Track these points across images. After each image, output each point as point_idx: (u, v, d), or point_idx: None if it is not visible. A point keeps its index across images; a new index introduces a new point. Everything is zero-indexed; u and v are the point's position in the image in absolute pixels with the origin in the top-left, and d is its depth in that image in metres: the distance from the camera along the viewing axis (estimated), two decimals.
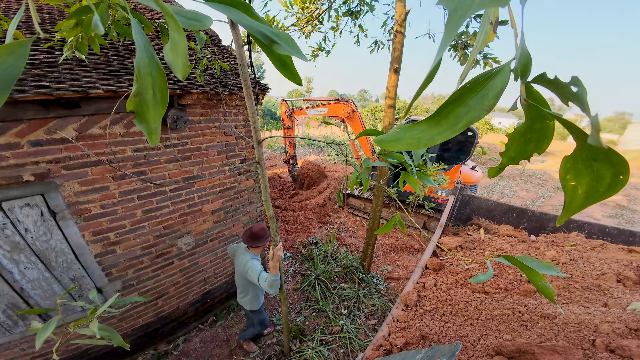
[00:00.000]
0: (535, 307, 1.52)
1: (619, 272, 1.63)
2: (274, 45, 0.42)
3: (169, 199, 2.69)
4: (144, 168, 2.43)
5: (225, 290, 3.87)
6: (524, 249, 2.19)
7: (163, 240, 2.84)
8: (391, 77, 4.02)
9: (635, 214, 8.51)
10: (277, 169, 11.54)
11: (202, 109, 2.58)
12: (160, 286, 3.00)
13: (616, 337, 1.29)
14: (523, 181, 11.50)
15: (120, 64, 2.29)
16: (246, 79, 1.42)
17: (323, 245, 5.38)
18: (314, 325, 3.71)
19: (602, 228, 3.14)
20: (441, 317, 1.81)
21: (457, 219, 4.28)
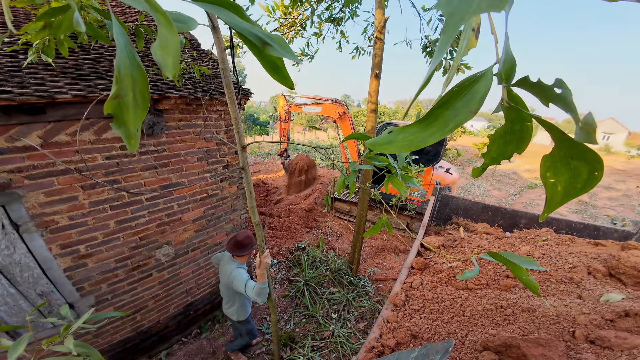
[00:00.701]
0: (516, 301, 1.60)
1: (588, 264, 1.75)
2: (266, 47, 0.41)
3: (145, 209, 2.56)
4: (116, 176, 2.29)
5: (209, 301, 3.73)
6: (501, 245, 2.30)
7: (139, 251, 2.69)
8: (372, 82, 4.12)
9: (596, 209, 9.26)
10: (261, 174, 11.39)
11: (181, 114, 2.49)
12: (137, 300, 2.84)
13: (594, 328, 1.37)
14: (495, 181, 12.17)
15: (91, 67, 2.17)
16: (229, 84, 1.39)
17: (311, 250, 5.35)
18: (304, 331, 3.67)
19: (569, 223, 3.37)
20: (429, 315, 1.85)
21: (438, 219, 4.43)
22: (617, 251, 1.87)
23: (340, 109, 6.85)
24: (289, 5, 4.05)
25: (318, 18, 4.45)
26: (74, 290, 2.34)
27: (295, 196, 8.58)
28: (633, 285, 1.58)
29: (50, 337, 1.13)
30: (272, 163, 13.31)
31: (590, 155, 0.33)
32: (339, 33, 5.02)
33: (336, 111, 6.92)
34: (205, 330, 3.63)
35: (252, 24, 0.42)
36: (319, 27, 4.87)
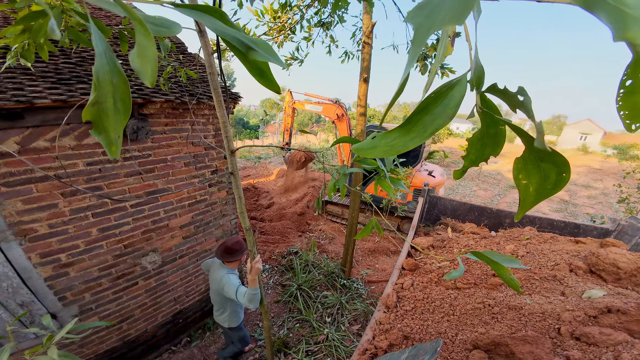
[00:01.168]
0: (503, 300, 1.63)
1: (570, 262, 1.82)
2: (250, 51, 0.42)
3: (129, 216, 2.49)
4: (99, 183, 2.23)
5: (199, 308, 3.66)
6: (487, 245, 2.36)
7: (124, 259, 2.61)
8: (361, 86, 4.19)
9: (576, 207, 9.65)
10: (251, 179, 11.28)
11: (167, 119, 2.44)
12: (123, 309, 2.76)
13: (578, 325, 1.42)
14: (480, 181, 12.53)
15: (72, 71, 2.10)
16: (216, 88, 1.38)
17: (304, 254, 5.32)
18: (298, 336, 3.64)
19: (551, 222, 3.50)
20: (420, 315, 1.87)
21: (427, 220, 4.50)
22: (597, 248, 1.96)
23: (339, 110, 7.04)
24: (278, 9, 4.08)
25: (307, 22, 4.49)
26: (55, 300, 2.26)
27: (287, 200, 8.54)
28: (613, 282, 1.66)
29: (32, 348, 1.11)
30: (263, 167, 13.22)
31: (557, 158, 0.35)
32: (328, 37, 5.08)
33: (335, 112, 7.15)
34: (196, 338, 3.55)
35: (235, 29, 0.42)
36: (308, 32, 4.91)
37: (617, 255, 1.64)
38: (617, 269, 1.62)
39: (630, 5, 0.20)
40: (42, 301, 2.19)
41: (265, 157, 14.36)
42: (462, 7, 0.24)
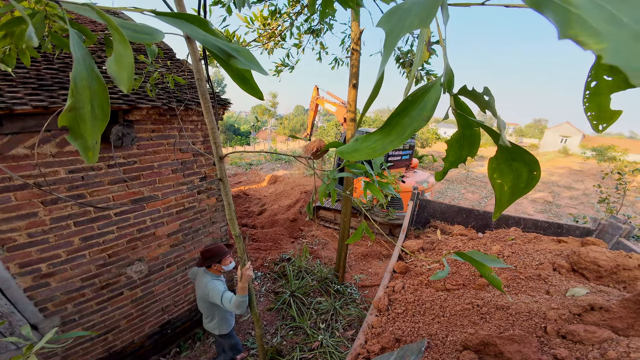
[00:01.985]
0: (491, 300, 1.66)
1: (553, 261, 1.87)
2: (231, 59, 0.42)
3: (113, 224, 2.42)
4: (81, 191, 2.16)
5: (188, 318, 3.56)
6: (474, 246, 2.40)
7: (108, 269, 2.54)
8: (351, 92, 4.26)
9: (560, 208, 9.99)
10: (242, 185, 11.17)
11: (153, 125, 2.40)
12: (108, 320, 2.68)
13: (564, 323, 1.44)
14: (468, 184, 12.82)
15: (54, 77, 2.05)
16: (204, 94, 1.37)
17: (296, 260, 5.28)
18: (291, 344, 3.59)
19: (535, 222, 3.60)
20: (411, 318, 1.87)
21: (418, 223, 4.55)
22: (578, 247, 2.03)
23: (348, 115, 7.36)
24: (268, 16, 4.12)
25: (297, 29, 4.55)
26: (36, 310, 2.18)
27: (279, 206, 8.49)
28: (595, 280, 1.71)
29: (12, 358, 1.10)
30: (254, 174, 13.11)
31: (527, 157, 0.37)
32: (318, 44, 5.15)
33: (343, 115, 7.55)
34: (186, 349, 3.46)
35: (217, 37, 0.43)
36: (298, 38, 4.98)
37: (597, 254, 1.70)
38: (597, 267, 1.68)
39: (575, 4, 0.22)
40: (22, 312, 2.12)
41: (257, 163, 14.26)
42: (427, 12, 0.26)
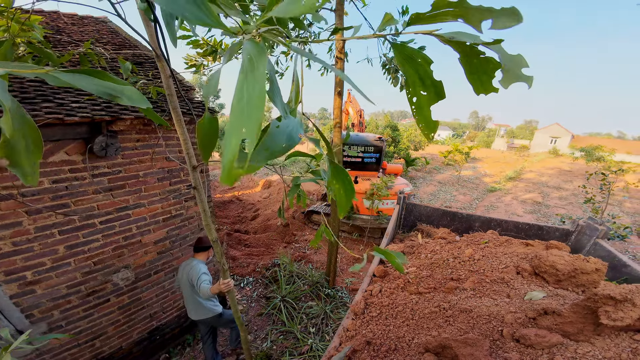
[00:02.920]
0: (456, 303, 1.73)
1: (518, 264, 1.94)
2: (116, 99, 0.51)
3: (98, 232, 2.47)
4: (65, 200, 2.21)
5: (177, 324, 3.59)
6: (450, 249, 2.48)
7: (94, 276, 2.58)
8: (336, 99, 4.35)
9: (549, 208, 10.15)
10: (236, 191, 11.19)
11: (138, 135, 2.47)
12: (95, 326, 2.71)
13: (519, 327, 1.49)
14: (460, 186, 12.97)
15: (37, 90, 2.11)
16: (175, 108, 1.46)
17: (288, 265, 5.32)
18: (281, 348, 3.63)
19: (517, 224, 3.69)
20: (384, 321, 1.93)
21: (405, 227, 4.62)
22: (542, 250, 2.11)
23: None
24: None
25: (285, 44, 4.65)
26: (22, 317, 2.23)
27: (272, 211, 8.54)
28: (554, 283, 1.78)
29: None
30: (248, 179, 13.13)
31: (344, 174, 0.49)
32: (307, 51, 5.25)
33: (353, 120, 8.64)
34: (175, 354, 3.48)
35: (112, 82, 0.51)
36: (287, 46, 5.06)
37: (556, 257, 1.78)
38: (556, 270, 1.75)
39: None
40: (9, 319, 2.16)
41: None
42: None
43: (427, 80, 0.54)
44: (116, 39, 3.45)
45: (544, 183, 14.22)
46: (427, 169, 17.15)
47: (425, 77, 0.54)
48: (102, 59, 1.98)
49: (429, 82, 0.54)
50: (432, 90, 0.54)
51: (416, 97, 0.56)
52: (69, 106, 2.03)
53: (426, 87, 0.54)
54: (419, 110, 0.57)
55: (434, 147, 29.76)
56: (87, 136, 2.16)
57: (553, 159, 25.39)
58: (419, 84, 0.54)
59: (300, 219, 8.14)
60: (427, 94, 0.54)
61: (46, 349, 2.38)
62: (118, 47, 3.23)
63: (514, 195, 11.63)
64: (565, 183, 14.43)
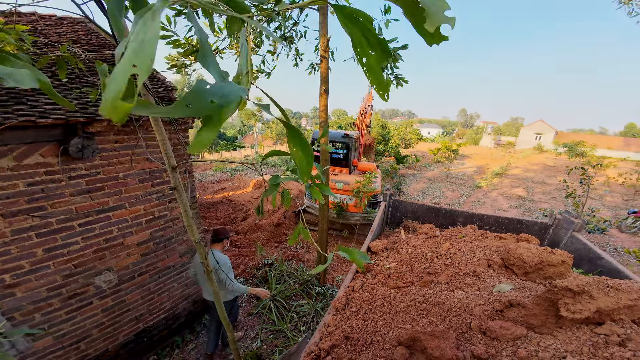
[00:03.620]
0: (431, 296, 1.79)
1: (489, 257, 2.01)
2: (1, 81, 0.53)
3: (78, 235, 2.44)
4: (42, 203, 2.18)
5: (165, 326, 3.57)
6: (430, 244, 2.55)
7: (75, 279, 2.56)
8: (322, 97, 4.37)
9: (533, 203, 10.46)
10: (227, 191, 11.09)
11: (117, 136, 2.44)
12: (79, 329, 2.69)
13: (486, 319, 1.53)
14: (449, 183, 13.22)
15: (10, 92, 2.06)
16: None
17: (279, 264, 5.34)
18: (272, 347, 3.65)
19: (497, 219, 3.81)
20: (363, 316, 1.98)
21: (392, 223, 4.70)
22: (512, 243, 2.20)
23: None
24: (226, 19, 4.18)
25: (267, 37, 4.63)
26: (3, 319, 2.20)
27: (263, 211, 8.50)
28: (522, 276, 1.86)
29: None
30: (239, 179, 13.03)
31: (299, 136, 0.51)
32: (292, 51, 5.26)
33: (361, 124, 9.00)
34: (164, 356, 3.48)
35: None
36: (273, 45, 5.06)
37: (523, 250, 1.86)
38: (523, 262, 1.83)
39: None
40: None
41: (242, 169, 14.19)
42: None
43: (372, 39, 0.54)
44: (95, 40, 3.38)
45: (528, 178, 14.62)
46: (417, 167, 17.38)
47: (370, 36, 0.54)
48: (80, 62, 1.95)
49: (374, 40, 0.54)
50: (378, 48, 0.55)
51: (365, 58, 0.56)
52: (42, 108, 1.99)
53: (372, 46, 0.55)
54: (370, 70, 0.57)
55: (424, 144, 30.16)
56: (62, 138, 2.12)
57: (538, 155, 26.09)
58: (365, 43, 0.54)
59: (292, 218, 8.15)
60: (374, 53, 0.55)
61: (30, 352, 2.37)
62: (97, 47, 3.17)
63: (500, 190, 11.93)
64: (549, 178, 14.88)
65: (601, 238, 7.35)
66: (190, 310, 3.83)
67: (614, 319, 1.36)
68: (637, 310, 1.35)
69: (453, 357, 1.30)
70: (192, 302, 3.81)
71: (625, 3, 4.94)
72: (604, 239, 7.33)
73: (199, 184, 12.08)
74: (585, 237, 3.04)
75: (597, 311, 1.34)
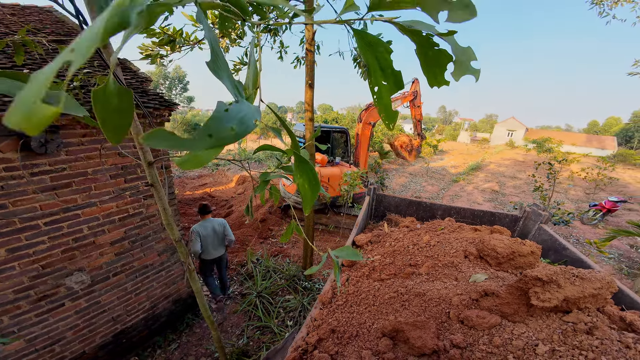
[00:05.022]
0: (412, 287, 1.85)
1: (466, 248, 2.12)
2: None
3: (44, 234, 2.28)
4: (2, 201, 2.01)
5: (144, 327, 3.46)
6: (412, 236, 2.63)
7: (44, 280, 2.41)
8: (307, 91, 4.32)
9: (505, 196, 11.10)
10: (208, 187, 10.76)
11: (84, 129, 2.27)
12: (52, 331, 2.57)
13: (464, 309, 1.59)
14: (429, 177, 13.69)
15: None
16: None
17: (264, 260, 5.29)
18: (258, 344, 3.64)
19: (473, 212, 3.99)
20: (349, 309, 2.01)
21: (375, 217, 4.79)
22: (487, 235, 2.33)
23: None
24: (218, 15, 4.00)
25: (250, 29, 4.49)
26: None
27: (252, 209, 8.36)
28: (495, 266, 1.97)
29: None
30: (221, 174, 12.67)
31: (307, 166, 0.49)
32: (277, 43, 5.13)
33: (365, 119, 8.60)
34: (145, 357, 3.39)
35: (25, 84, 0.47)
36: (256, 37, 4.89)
37: (496, 241, 1.97)
38: (496, 253, 1.94)
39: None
40: None
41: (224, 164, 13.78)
42: None
43: (388, 70, 0.54)
44: (62, 28, 3.13)
45: (501, 173, 15.46)
46: (399, 162, 17.80)
47: (386, 66, 0.54)
48: (40, 48, 1.78)
49: (389, 71, 0.54)
50: (391, 79, 0.55)
51: (377, 87, 0.56)
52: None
53: (387, 76, 0.55)
54: (380, 99, 0.57)
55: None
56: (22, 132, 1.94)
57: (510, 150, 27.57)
58: (379, 73, 0.55)
59: (277, 214, 8.08)
60: (387, 83, 0.55)
61: (2, 355, 2.27)
62: (63, 36, 2.92)
63: (476, 185, 12.53)
64: (519, 173, 15.81)
65: (565, 229, 7.93)
66: (172, 310, 3.72)
67: (580, 307, 1.45)
68: (601, 299, 1.45)
69: (434, 346, 1.35)
70: (172, 302, 3.70)
71: (597, 4, 5.15)
72: (568, 230, 7.91)
73: (177, 179, 11.62)
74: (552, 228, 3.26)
75: (565, 300, 1.39)
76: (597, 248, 5.97)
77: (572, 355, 1.24)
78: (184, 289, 3.81)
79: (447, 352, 1.36)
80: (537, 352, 1.27)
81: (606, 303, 1.51)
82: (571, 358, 1.22)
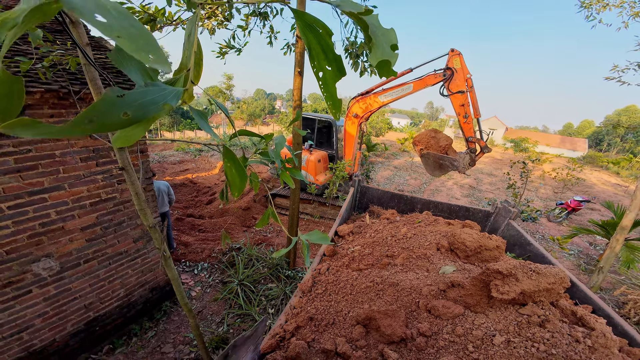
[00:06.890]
0: (387, 278, 1.93)
1: (438, 241, 2.23)
2: None
3: (7, 218, 2.15)
4: None
5: (119, 315, 3.39)
6: (391, 229, 2.73)
7: (9, 266, 2.30)
8: (296, 79, 4.22)
9: (481, 192, 11.62)
10: (189, 173, 10.43)
11: (52, 110, 2.12)
12: (19, 319, 2.48)
13: (432, 299, 1.67)
14: (412, 171, 14.04)
15: None
16: (93, 79, 1.29)
17: (247, 249, 5.25)
18: (238, 331, 3.65)
19: (449, 206, 4.16)
20: (328, 297, 2.07)
21: (359, 208, 4.89)
22: (458, 229, 2.45)
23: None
24: None
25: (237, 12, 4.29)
26: None
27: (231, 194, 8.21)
28: (464, 258, 2.09)
29: None
30: (204, 160, 12.30)
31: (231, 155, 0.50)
32: (266, 28, 4.94)
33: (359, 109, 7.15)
34: (120, 345, 3.33)
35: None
36: (245, 20, 4.69)
37: (466, 235, 2.08)
38: (465, 247, 2.05)
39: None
40: None
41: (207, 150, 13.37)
42: None
43: (330, 54, 0.51)
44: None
45: (479, 170, 16.10)
46: (385, 155, 18.05)
47: (328, 50, 0.50)
48: None
49: (331, 55, 0.51)
50: (334, 65, 0.51)
51: (322, 72, 0.52)
52: None
53: (329, 61, 0.51)
54: (326, 86, 0.53)
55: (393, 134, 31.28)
56: None
57: None
58: (322, 57, 0.51)
59: (262, 202, 8.01)
60: (331, 69, 0.51)
61: None
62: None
63: (455, 180, 13.01)
64: (496, 170, 16.56)
65: (533, 226, 8.43)
66: (148, 298, 3.66)
67: (535, 301, 1.56)
68: (554, 293, 1.56)
69: (402, 334, 1.43)
70: (149, 289, 3.64)
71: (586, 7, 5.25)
72: (535, 227, 8.42)
73: (156, 164, 11.15)
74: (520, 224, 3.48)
75: (522, 293, 1.48)
76: (559, 244, 6.41)
77: (526, 346, 1.33)
78: (162, 277, 3.74)
79: (414, 340, 1.44)
80: (494, 343, 1.36)
81: (560, 297, 1.63)
82: (524, 349, 1.31)
